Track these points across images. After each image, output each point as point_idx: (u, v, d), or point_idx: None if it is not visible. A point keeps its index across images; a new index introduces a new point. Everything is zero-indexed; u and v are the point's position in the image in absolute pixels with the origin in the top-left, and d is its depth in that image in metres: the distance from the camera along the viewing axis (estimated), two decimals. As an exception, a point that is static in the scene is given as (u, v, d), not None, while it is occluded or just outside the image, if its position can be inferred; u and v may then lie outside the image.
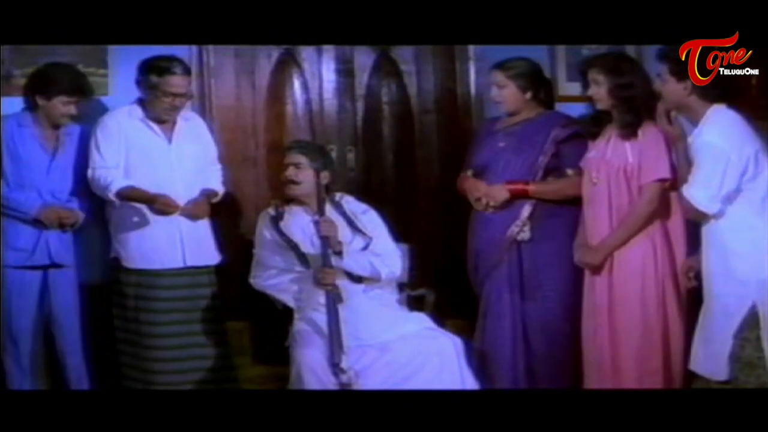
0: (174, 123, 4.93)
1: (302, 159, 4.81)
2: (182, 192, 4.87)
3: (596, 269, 4.56)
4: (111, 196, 4.78)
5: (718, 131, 4.04)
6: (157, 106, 4.86)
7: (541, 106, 4.98)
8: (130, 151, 4.85)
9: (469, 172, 5.00)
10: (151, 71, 4.82)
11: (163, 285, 4.86)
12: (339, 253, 4.66)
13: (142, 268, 4.86)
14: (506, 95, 4.92)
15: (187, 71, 4.90)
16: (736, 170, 4.01)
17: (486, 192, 4.88)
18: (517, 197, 4.84)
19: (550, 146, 4.86)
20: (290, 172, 4.80)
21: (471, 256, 5.00)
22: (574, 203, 4.79)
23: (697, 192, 4.05)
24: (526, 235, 4.84)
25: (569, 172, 4.84)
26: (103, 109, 5.08)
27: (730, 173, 4.01)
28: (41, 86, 4.80)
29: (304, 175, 4.79)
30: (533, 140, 4.88)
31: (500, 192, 4.85)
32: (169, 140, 4.91)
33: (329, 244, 4.63)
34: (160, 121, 4.90)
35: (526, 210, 4.84)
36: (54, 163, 4.84)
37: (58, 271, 4.86)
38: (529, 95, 4.93)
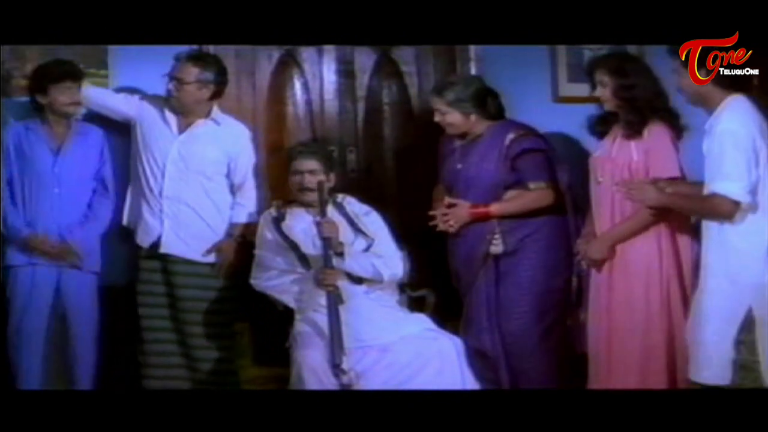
0: (194, 120, 4.95)
1: (316, 165, 4.81)
2: (172, 183, 4.91)
3: (600, 265, 4.55)
4: None
5: (738, 118, 4.02)
6: (180, 99, 4.90)
7: (489, 118, 4.92)
8: (140, 136, 4.94)
9: (440, 186, 5.03)
10: (174, 66, 4.88)
11: (146, 267, 4.97)
12: (340, 254, 4.66)
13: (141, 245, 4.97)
14: (450, 122, 4.88)
15: (195, 60, 4.91)
16: (759, 157, 4.00)
17: (446, 211, 4.88)
18: (480, 220, 4.82)
19: (505, 161, 4.81)
20: (308, 180, 4.78)
21: (453, 275, 5.01)
22: (542, 212, 4.82)
23: (730, 184, 3.99)
24: (498, 248, 4.82)
25: (531, 185, 4.81)
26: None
27: (755, 160, 3.99)
28: (36, 85, 4.85)
29: (323, 179, 4.80)
30: (487, 157, 4.84)
31: (462, 211, 4.84)
32: (179, 132, 4.94)
33: (330, 245, 4.62)
34: (184, 115, 4.93)
35: (493, 224, 4.82)
36: (59, 160, 4.85)
37: (74, 272, 4.86)
38: (473, 118, 4.87)
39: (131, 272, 5.01)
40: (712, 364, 4.04)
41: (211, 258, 4.97)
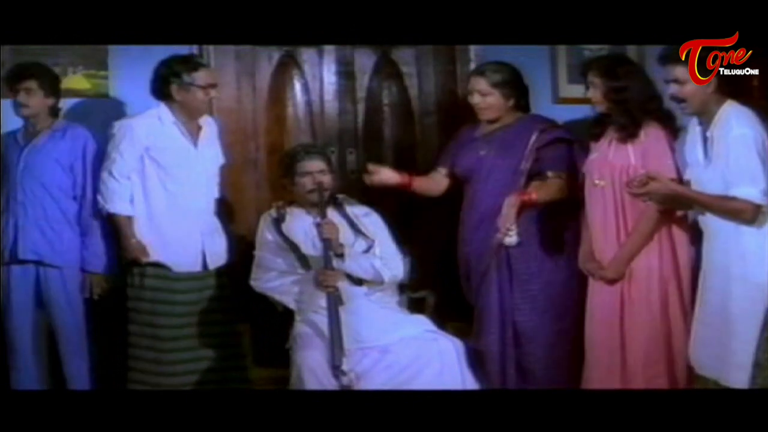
0: (199, 127, 4.92)
1: (324, 165, 4.82)
2: (204, 197, 4.91)
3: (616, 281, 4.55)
4: (106, 210, 4.81)
5: (747, 122, 4.04)
6: (193, 102, 4.84)
7: (519, 111, 4.97)
8: (157, 155, 4.82)
9: (443, 171, 5.01)
10: (179, 72, 4.80)
11: (180, 289, 4.87)
12: (341, 256, 4.65)
13: (161, 272, 4.86)
14: (491, 103, 4.89)
15: (206, 64, 4.96)
16: None
17: (505, 216, 4.76)
18: (525, 207, 4.77)
19: (532, 152, 4.83)
20: (318, 178, 4.78)
21: (462, 265, 5.00)
22: (558, 205, 4.81)
23: (752, 189, 4.00)
24: (513, 239, 4.78)
25: (549, 174, 4.82)
26: (104, 112, 5.10)
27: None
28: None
29: (328, 179, 4.81)
30: (514, 146, 4.86)
31: (511, 207, 4.72)
32: (195, 144, 4.90)
33: (331, 247, 4.62)
34: (191, 120, 4.88)
35: (510, 215, 4.81)
36: (24, 154, 4.84)
37: (49, 269, 4.86)
38: (512, 102, 4.91)
39: (121, 273, 4.96)
40: (737, 367, 4.03)
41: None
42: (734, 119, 4.05)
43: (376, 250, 4.80)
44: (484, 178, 4.89)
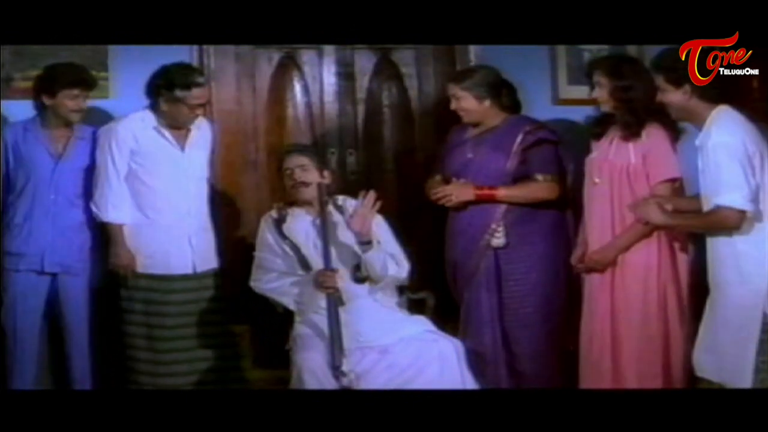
0: (188, 131, 4.90)
1: (305, 160, 4.81)
2: (193, 200, 4.90)
3: (600, 271, 4.55)
4: (99, 218, 4.81)
5: (727, 130, 4.03)
6: (178, 117, 4.82)
7: (505, 111, 4.97)
8: (142, 159, 4.82)
9: (438, 177, 5.02)
10: (175, 85, 4.77)
11: (173, 289, 4.86)
12: (368, 243, 4.64)
13: (152, 273, 4.86)
14: (465, 107, 4.91)
15: (206, 80, 4.93)
16: (754, 163, 4.00)
17: (450, 188, 4.90)
18: (483, 202, 4.85)
19: (517, 153, 4.87)
20: (298, 174, 4.78)
21: (449, 268, 5.02)
22: (545, 207, 4.86)
23: (733, 194, 3.99)
24: (500, 241, 4.85)
25: (539, 177, 4.86)
26: (105, 113, 5.09)
27: (751, 167, 3.99)
28: (46, 85, 4.80)
29: (312, 175, 4.79)
30: (500, 147, 4.89)
31: (465, 189, 4.86)
32: (182, 148, 4.89)
33: (360, 237, 4.62)
34: (174, 128, 4.87)
35: (497, 217, 4.85)
36: (59, 166, 4.83)
37: (68, 276, 4.85)
38: (487, 103, 4.91)
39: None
40: (737, 371, 4.04)
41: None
42: (715, 128, 4.05)
43: (384, 249, 4.79)
44: (472, 181, 4.90)
